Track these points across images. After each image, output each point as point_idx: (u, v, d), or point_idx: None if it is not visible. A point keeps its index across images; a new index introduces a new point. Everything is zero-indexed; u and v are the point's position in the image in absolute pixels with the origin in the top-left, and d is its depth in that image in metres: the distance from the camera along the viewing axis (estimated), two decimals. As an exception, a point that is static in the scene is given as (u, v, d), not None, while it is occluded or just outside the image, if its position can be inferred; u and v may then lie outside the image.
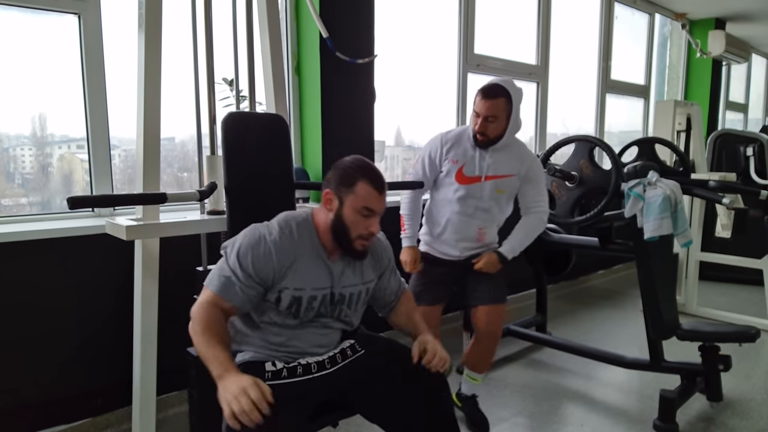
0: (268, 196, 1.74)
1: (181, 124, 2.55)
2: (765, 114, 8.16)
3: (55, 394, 2.09)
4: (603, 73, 4.84)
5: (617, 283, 4.76)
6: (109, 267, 2.16)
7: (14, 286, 1.97)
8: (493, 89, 1.97)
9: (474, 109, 2.01)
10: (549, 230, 3.01)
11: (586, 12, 4.72)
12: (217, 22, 1.95)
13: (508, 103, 1.98)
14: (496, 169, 2.09)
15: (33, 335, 2.03)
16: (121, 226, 1.65)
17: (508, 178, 2.11)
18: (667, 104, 3.81)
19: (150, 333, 1.89)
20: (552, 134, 4.43)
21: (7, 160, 2.21)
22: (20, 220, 2.13)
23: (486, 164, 2.08)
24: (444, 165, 2.11)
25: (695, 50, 5.52)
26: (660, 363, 2.41)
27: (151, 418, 1.95)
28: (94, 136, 2.24)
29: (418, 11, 3.50)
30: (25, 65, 2.15)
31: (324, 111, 2.73)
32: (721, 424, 2.29)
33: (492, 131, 2.01)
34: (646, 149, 2.88)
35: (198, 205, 1.96)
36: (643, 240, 2.17)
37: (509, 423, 2.31)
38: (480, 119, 1.98)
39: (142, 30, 1.80)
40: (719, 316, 3.68)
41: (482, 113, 1.98)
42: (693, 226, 3.69)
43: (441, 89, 3.65)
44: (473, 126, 2.03)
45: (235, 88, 2.07)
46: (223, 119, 1.68)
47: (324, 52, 2.66)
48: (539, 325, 3.21)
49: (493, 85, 1.99)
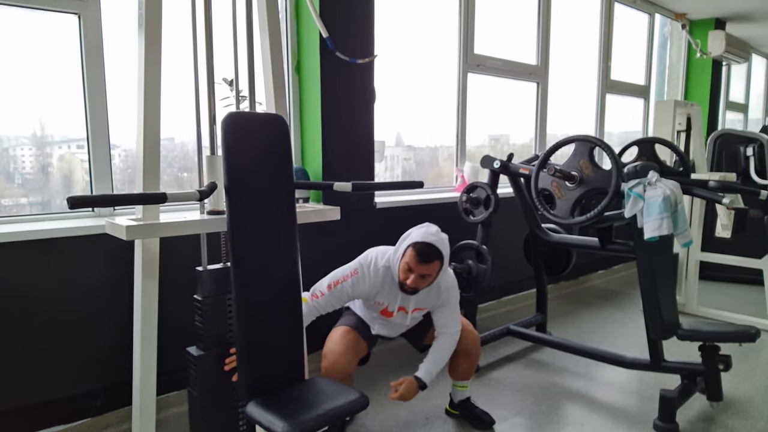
0: (268, 196, 1.74)
1: (181, 124, 2.54)
2: (765, 114, 8.15)
3: (55, 394, 2.09)
4: (603, 73, 4.85)
5: (617, 283, 4.76)
6: (109, 267, 2.16)
7: (14, 286, 1.97)
8: (430, 254, 1.93)
9: (407, 262, 1.95)
10: (549, 230, 3.01)
11: (586, 12, 4.72)
12: (217, 22, 1.94)
13: (440, 264, 1.97)
14: (417, 304, 2.13)
15: (33, 335, 2.03)
16: (121, 226, 1.65)
17: (423, 310, 2.18)
18: (667, 104, 3.81)
19: (150, 333, 1.89)
20: (552, 134, 4.43)
21: (7, 160, 2.21)
22: (20, 220, 2.13)
23: (409, 304, 2.11)
24: (366, 301, 2.16)
25: (695, 50, 5.53)
26: (660, 363, 2.41)
27: (151, 418, 1.95)
28: (94, 136, 2.24)
29: (418, 11, 3.50)
30: (25, 65, 2.15)
31: (324, 111, 2.73)
32: (721, 424, 2.29)
33: (422, 285, 1.99)
34: (646, 149, 2.88)
35: (198, 205, 1.96)
36: (643, 240, 2.17)
37: (509, 423, 2.31)
38: (414, 276, 1.94)
39: (142, 30, 1.80)
40: (719, 316, 3.68)
41: (417, 272, 1.94)
42: (693, 226, 3.69)
43: (441, 89, 3.65)
44: (402, 277, 1.97)
45: (235, 88, 2.07)
46: (223, 119, 1.67)
47: (324, 52, 2.66)
48: (539, 325, 3.21)
49: (428, 247, 1.93)
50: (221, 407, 1.84)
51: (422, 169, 3.80)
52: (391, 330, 2.23)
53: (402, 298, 2.08)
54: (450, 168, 3.82)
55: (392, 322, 2.17)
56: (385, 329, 2.22)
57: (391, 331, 2.24)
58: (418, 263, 1.92)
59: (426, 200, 3.29)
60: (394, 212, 3.08)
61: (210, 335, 1.80)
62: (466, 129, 3.74)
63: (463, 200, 2.86)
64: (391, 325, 2.20)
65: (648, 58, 5.50)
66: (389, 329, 2.22)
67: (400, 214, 3.12)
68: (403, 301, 2.09)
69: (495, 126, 4.21)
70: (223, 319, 1.82)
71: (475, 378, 2.73)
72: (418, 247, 1.93)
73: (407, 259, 1.95)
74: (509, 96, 4.20)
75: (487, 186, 2.79)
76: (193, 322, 1.83)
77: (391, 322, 2.18)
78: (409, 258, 1.94)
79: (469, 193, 2.85)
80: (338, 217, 2.06)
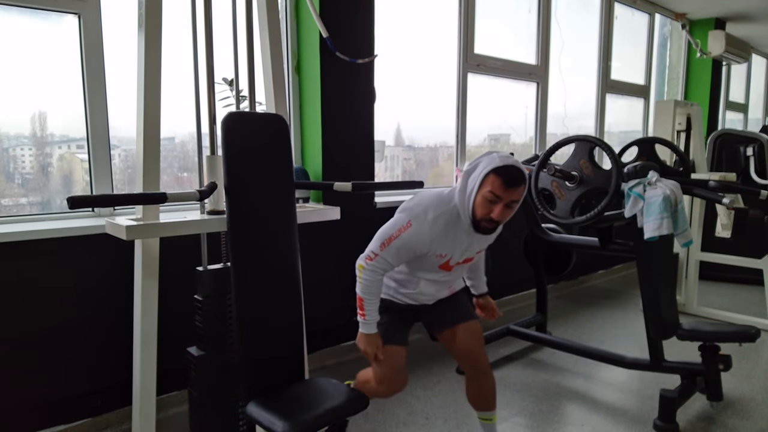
0: (268, 196, 1.74)
1: (181, 124, 2.55)
2: (765, 114, 8.16)
3: (55, 394, 2.09)
4: (603, 73, 4.84)
5: (617, 283, 4.76)
6: (109, 267, 2.16)
7: (14, 285, 1.97)
8: (516, 177, 1.64)
9: (490, 191, 1.63)
10: (549, 230, 3.01)
11: (586, 12, 4.72)
12: (217, 22, 1.94)
13: (525, 188, 1.69)
14: (482, 245, 1.89)
15: (33, 335, 2.03)
16: (121, 226, 1.65)
17: (483, 251, 1.97)
18: (667, 104, 3.81)
19: (150, 333, 1.89)
20: (552, 134, 4.43)
21: (7, 160, 2.21)
22: (20, 220, 2.13)
23: (473, 248, 1.84)
24: (426, 257, 1.78)
25: (695, 50, 5.53)
26: (660, 363, 2.41)
27: (151, 418, 1.95)
28: (94, 136, 2.24)
29: (418, 11, 3.50)
30: (25, 65, 2.15)
31: (324, 111, 2.73)
32: (721, 424, 2.29)
33: (506, 217, 1.70)
34: (646, 149, 2.88)
35: (198, 205, 1.96)
36: (643, 240, 2.17)
37: (509, 423, 2.31)
38: (500, 206, 1.64)
39: (142, 30, 1.80)
40: (719, 316, 3.68)
41: (505, 199, 1.64)
42: (693, 226, 3.69)
43: (441, 89, 3.65)
44: (482, 212, 1.67)
45: (235, 88, 2.07)
46: (223, 119, 1.67)
47: (324, 52, 2.66)
48: (539, 325, 3.21)
49: (513, 169, 1.64)
50: (221, 407, 1.84)
51: (422, 169, 3.80)
52: (436, 291, 1.92)
53: (470, 243, 1.79)
54: (450, 168, 3.82)
55: (445, 279, 1.88)
56: (429, 290, 1.90)
57: (434, 293, 1.92)
58: (506, 189, 1.62)
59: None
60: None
61: (210, 335, 1.80)
62: (466, 129, 3.74)
63: (463, 200, 2.85)
64: (438, 285, 1.90)
65: (648, 58, 5.49)
66: (434, 290, 1.91)
67: (400, 214, 3.11)
68: (469, 247, 1.80)
69: (495, 126, 4.21)
70: (223, 319, 1.82)
71: (475, 378, 2.74)
72: (503, 172, 1.62)
73: (490, 187, 1.63)
74: (509, 96, 4.20)
75: (487, 186, 2.78)
76: (194, 322, 1.83)
77: (442, 281, 1.89)
78: (492, 186, 1.63)
79: (469, 193, 2.84)
80: (338, 217, 2.07)
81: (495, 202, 1.64)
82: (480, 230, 1.71)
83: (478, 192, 1.66)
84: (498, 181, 1.62)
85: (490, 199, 1.63)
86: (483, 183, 1.65)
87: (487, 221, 1.67)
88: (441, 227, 1.71)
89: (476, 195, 1.67)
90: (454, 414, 2.37)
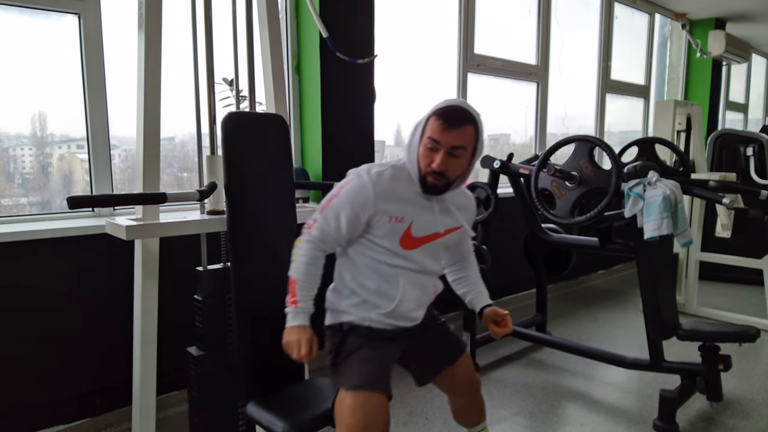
0: (268, 196, 1.74)
1: (181, 124, 2.55)
2: (765, 114, 8.15)
3: (55, 394, 2.09)
4: (603, 73, 4.85)
5: (617, 283, 4.76)
6: (109, 267, 2.16)
7: (14, 285, 1.97)
8: (460, 116, 1.40)
9: (429, 137, 1.41)
10: (549, 230, 3.01)
11: (585, 12, 4.72)
12: (217, 22, 1.95)
13: (475, 132, 1.43)
14: (451, 221, 1.56)
15: (33, 335, 2.03)
16: (121, 226, 1.65)
17: (458, 229, 1.59)
18: (667, 104, 3.81)
19: (150, 333, 1.89)
20: (552, 134, 4.43)
21: (7, 160, 2.21)
22: (20, 220, 2.14)
23: (442, 214, 1.52)
24: (377, 224, 1.46)
25: (695, 50, 5.53)
26: (660, 363, 2.41)
27: (151, 418, 1.95)
28: (94, 136, 2.24)
29: (418, 11, 3.50)
30: (25, 65, 2.15)
31: (324, 111, 2.73)
32: (721, 424, 2.29)
33: (454, 171, 1.44)
34: (646, 149, 2.88)
35: (198, 205, 1.96)
36: (643, 240, 2.17)
37: (509, 423, 2.31)
38: (442, 153, 1.40)
39: (142, 30, 1.80)
40: (719, 316, 3.68)
41: (445, 144, 1.39)
42: (693, 226, 3.69)
43: (441, 89, 3.65)
44: (425, 163, 1.43)
45: (235, 88, 2.07)
46: (223, 119, 1.68)
47: (324, 52, 2.66)
48: (539, 325, 3.21)
49: (457, 107, 1.42)
50: (221, 407, 1.84)
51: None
52: (420, 295, 1.56)
53: (433, 211, 1.50)
54: (450, 168, 3.81)
55: (421, 270, 1.54)
56: (412, 294, 1.53)
57: (418, 298, 1.56)
58: (445, 129, 1.38)
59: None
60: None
61: (210, 335, 1.80)
62: (466, 129, 3.73)
63: (463, 200, 2.85)
64: (419, 283, 1.55)
65: (648, 58, 5.49)
66: (417, 294, 1.55)
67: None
68: (436, 218, 1.51)
69: (495, 126, 4.21)
70: (223, 319, 1.82)
71: (475, 378, 2.74)
72: (442, 112, 1.41)
73: (429, 132, 1.41)
74: (509, 96, 4.20)
75: (487, 186, 2.79)
76: (193, 322, 1.83)
77: (420, 273, 1.54)
78: (432, 130, 1.40)
79: (469, 193, 2.85)
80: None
81: (435, 149, 1.40)
82: (427, 188, 1.45)
83: (420, 141, 1.44)
84: (437, 123, 1.40)
85: (430, 146, 1.41)
86: (424, 129, 1.43)
87: (431, 174, 1.42)
88: (386, 181, 1.46)
89: (419, 145, 1.44)
90: (454, 414, 2.38)
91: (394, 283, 1.51)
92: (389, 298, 1.51)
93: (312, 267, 1.47)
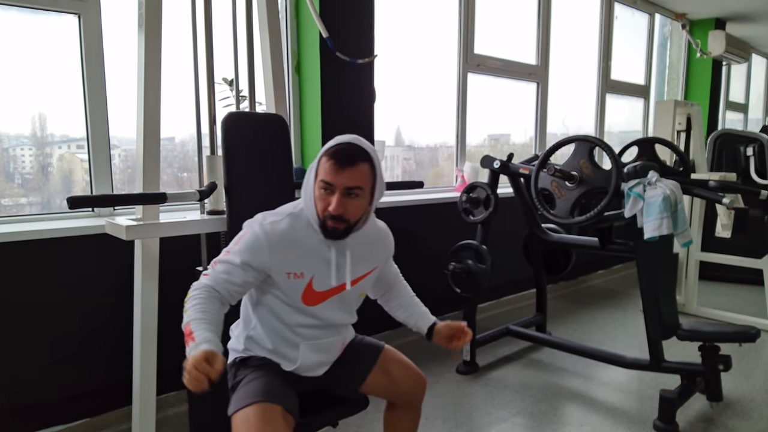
0: (268, 196, 1.74)
1: (181, 124, 2.55)
2: (765, 114, 8.16)
3: (55, 394, 2.09)
4: (603, 73, 4.85)
5: (617, 283, 4.76)
6: (109, 267, 2.16)
7: (14, 286, 1.97)
8: (352, 152, 1.30)
9: (322, 180, 1.30)
10: (549, 230, 3.01)
11: (586, 12, 4.73)
12: (217, 22, 1.95)
13: (371, 169, 1.32)
14: (361, 266, 1.45)
15: (33, 335, 2.02)
16: (121, 226, 1.65)
17: (372, 273, 1.49)
18: (667, 104, 3.81)
19: (150, 333, 1.89)
20: (552, 134, 4.44)
21: (7, 160, 2.21)
22: (20, 220, 2.14)
23: (347, 264, 1.40)
24: (275, 279, 1.35)
25: (695, 50, 5.53)
26: (660, 363, 2.41)
27: (151, 418, 1.95)
28: (94, 136, 2.24)
29: (418, 11, 3.50)
30: (25, 65, 2.15)
31: (324, 111, 2.73)
32: (721, 424, 2.29)
33: (353, 213, 1.32)
34: (646, 149, 2.88)
35: (198, 205, 1.96)
36: (643, 240, 2.17)
37: (509, 423, 2.31)
38: (337, 195, 1.29)
39: (142, 30, 1.81)
40: (719, 316, 3.68)
41: (339, 185, 1.28)
42: (693, 226, 3.69)
43: (441, 89, 3.65)
44: (321, 206, 1.32)
45: (235, 88, 2.07)
46: (223, 119, 1.68)
47: (324, 52, 2.66)
48: (539, 325, 3.21)
49: (348, 145, 1.31)
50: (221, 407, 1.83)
51: (422, 168, 3.80)
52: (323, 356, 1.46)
53: (341, 258, 1.39)
54: (450, 168, 3.82)
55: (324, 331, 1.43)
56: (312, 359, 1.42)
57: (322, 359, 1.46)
58: (338, 170, 1.28)
59: (426, 200, 3.29)
60: (394, 212, 3.07)
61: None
62: (466, 129, 3.74)
63: (462, 200, 2.86)
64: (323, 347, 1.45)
65: (648, 58, 5.50)
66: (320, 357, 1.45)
67: (400, 214, 3.12)
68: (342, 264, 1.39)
69: (495, 126, 4.21)
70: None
71: (475, 378, 2.74)
72: (333, 151, 1.30)
73: (322, 174, 1.30)
74: (509, 96, 4.20)
75: (487, 186, 2.79)
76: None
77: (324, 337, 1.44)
78: (324, 171, 1.30)
79: (469, 193, 2.85)
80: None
81: (330, 191, 1.30)
82: (328, 233, 1.33)
83: (315, 184, 1.33)
84: (328, 164, 1.29)
85: (324, 188, 1.30)
86: (317, 171, 1.33)
87: (330, 219, 1.31)
88: (282, 232, 1.33)
89: (314, 188, 1.33)
90: (453, 414, 2.37)
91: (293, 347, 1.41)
92: (289, 360, 1.42)
93: (207, 305, 1.26)
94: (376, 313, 1.70)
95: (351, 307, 1.49)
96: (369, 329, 1.68)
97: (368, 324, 1.69)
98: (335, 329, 1.47)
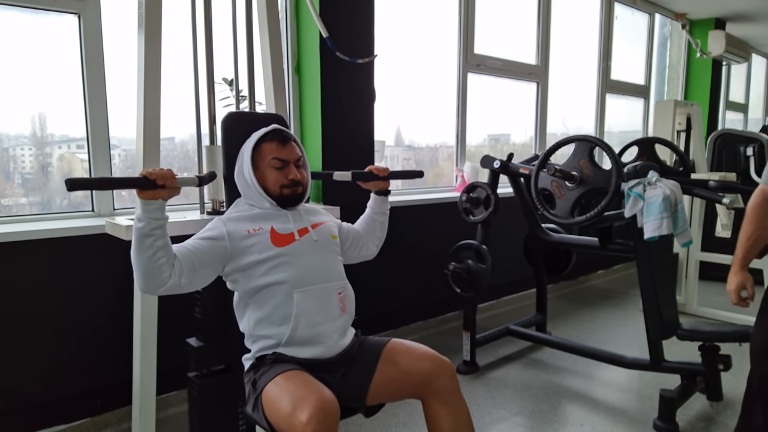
0: (268, 195, 1.74)
1: (181, 124, 2.55)
2: (765, 114, 8.16)
3: (55, 394, 2.09)
4: (603, 73, 4.85)
5: (617, 283, 4.76)
6: (109, 267, 2.16)
7: (14, 285, 1.97)
8: (284, 132, 1.56)
9: (274, 158, 1.51)
10: (549, 230, 3.01)
11: (586, 12, 4.73)
12: (217, 22, 1.95)
13: (299, 146, 1.60)
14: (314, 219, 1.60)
15: (33, 335, 2.03)
16: (121, 226, 1.65)
17: (327, 223, 1.63)
18: (667, 104, 3.81)
19: (150, 333, 1.89)
20: (552, 134, 4.44)
21: (7, 160, 2.21)
22: (20, 220, 2.14)
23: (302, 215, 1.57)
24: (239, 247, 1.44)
25: (695, 50, 5.53)
26: (660, 363, 2.41)
27: (151, 418, 1.95)
28: (94, 136, 2.24)
29: (418, 11, 3.50)
30: (25, 65, 2.15)
31: (324, 111, 2.73)
32: (721, 424, 2.29)
33: (305, 178, 1.57)
34: (646, 149, 2.88)
35: (198, 206, 1.96)
36: (643, 240, 2.17)
37: (509, 423, 2.31)
38: (291, 167, 1.53)
39: (142, 30, 1.81)
40: (719, 316, 3.68)
41: (290, 158, 1.53)
42: (693, 226, 3.69)
43: (441, 89, 3.65)
44: (275, 183, 1.51)
45: (235, 88, 2.07)
46: (223, 119, 1.68)
47: (324, 52, 2.66)
48: (539, 325, 3.21)
49: (276, 129, 1.56)
50: (221, 407, 1.84)
51: (422, 168, 3.79)
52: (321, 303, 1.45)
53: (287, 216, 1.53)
54: (450, 168, 3.82)
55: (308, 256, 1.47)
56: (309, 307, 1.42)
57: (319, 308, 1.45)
58: (283, 147, 1.52)
59: (426, 200, 3.29)
60: (394, 212, 3.05)
61: (210, 327, 1.80)
62: (466, 129, 3.74)
63: (463, 200, 2.86)
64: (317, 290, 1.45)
65: (648, 58, 5.50)
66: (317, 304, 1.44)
67: (400, 213, 3.11)
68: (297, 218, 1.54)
69: (495, 126, 4.21)
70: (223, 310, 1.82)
71: (475, 378, 2.74)
72: (271, 135, 1.54)
73: (269, 153, 1.51)
74: (509, 96, 4.20)
75: (487, 186, 2.79)
76: (193, 318, 1.83)
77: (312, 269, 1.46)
78: (271, 151, 1.52)
79: (469, 193, 2.85)
80: (338, 217, 2.06)
81: (284, 165, 1.52)
82: (287, 201, 1.53)
83: (259, 169, 1.52)
84: (272, 144, 1.52)
85: (278, 165, 1.51)
86: (261, 157, 1.52)
87: (288, 187, 1.51)
88: (235, 213, 1.53)
89: (259, 171, 1.52)
90: (454, 414, 2.37)
91: (289, 315, 1.41)
92: (297, 341, 1.42)
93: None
94: (376, 313, 1.70)
95: (328, 249, 1.56)
96: (369, 329, 1.68)
97: (368, 324, 1.69)
98: (322, 274, 1.49)
